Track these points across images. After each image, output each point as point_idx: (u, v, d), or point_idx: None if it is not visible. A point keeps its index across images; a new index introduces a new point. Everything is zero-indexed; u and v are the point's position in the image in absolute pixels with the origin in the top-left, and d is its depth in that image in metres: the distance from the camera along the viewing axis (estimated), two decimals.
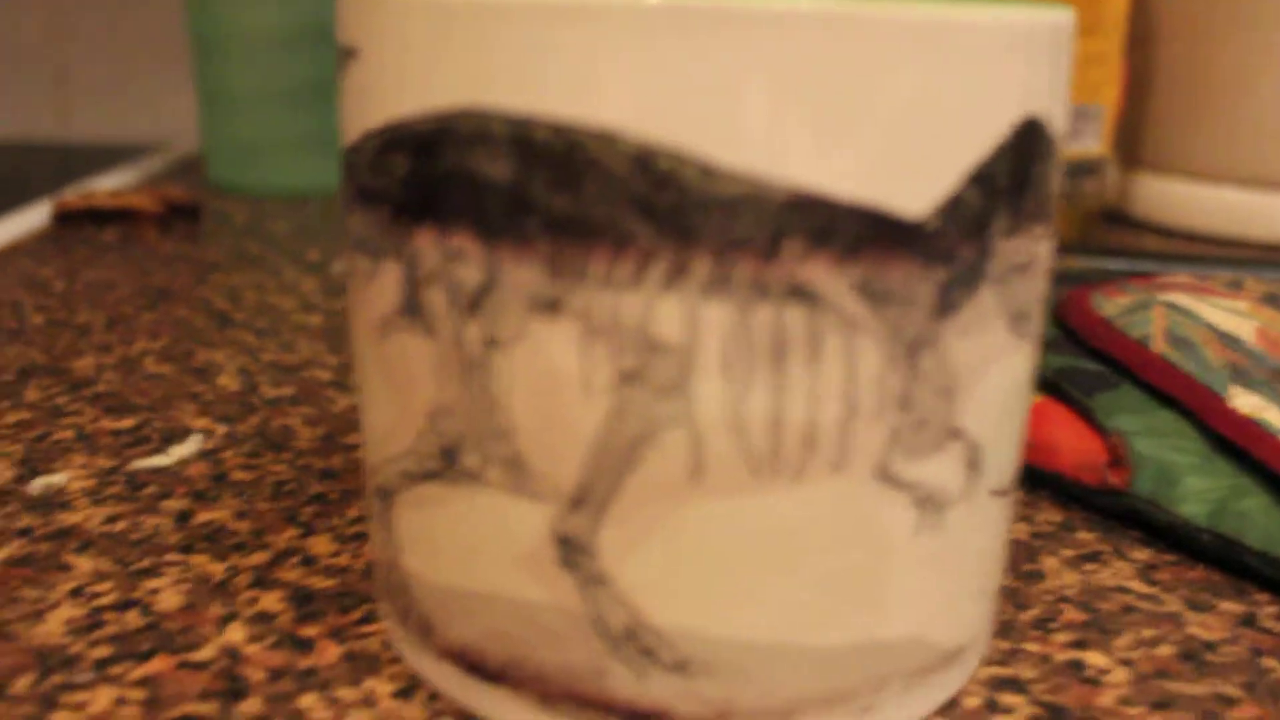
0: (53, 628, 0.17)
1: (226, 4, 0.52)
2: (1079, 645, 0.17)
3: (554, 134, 0.12)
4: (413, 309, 0.14)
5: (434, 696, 0.16)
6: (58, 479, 0.22)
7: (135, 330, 0.32)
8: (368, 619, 0.18)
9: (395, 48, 0.13)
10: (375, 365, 0.15)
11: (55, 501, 0.21)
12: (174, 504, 0.21)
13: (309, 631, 0.17)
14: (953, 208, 0.13)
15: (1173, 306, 0.26)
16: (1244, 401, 0.22)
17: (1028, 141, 0.13)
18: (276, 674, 0.16)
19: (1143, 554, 0.20)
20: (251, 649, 0.17)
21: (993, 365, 0.14)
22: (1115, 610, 0.18)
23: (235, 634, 0.17)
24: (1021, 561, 0.20)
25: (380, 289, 0.14)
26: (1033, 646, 0.17)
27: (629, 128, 0.12)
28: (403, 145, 0.13)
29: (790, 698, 0.14)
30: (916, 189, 0.12)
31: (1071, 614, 0.18)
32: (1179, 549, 0.21)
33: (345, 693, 0.16)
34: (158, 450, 0.24)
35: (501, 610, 0.14)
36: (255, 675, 0.16)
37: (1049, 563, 0.20)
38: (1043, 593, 0.19)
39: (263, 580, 0.19)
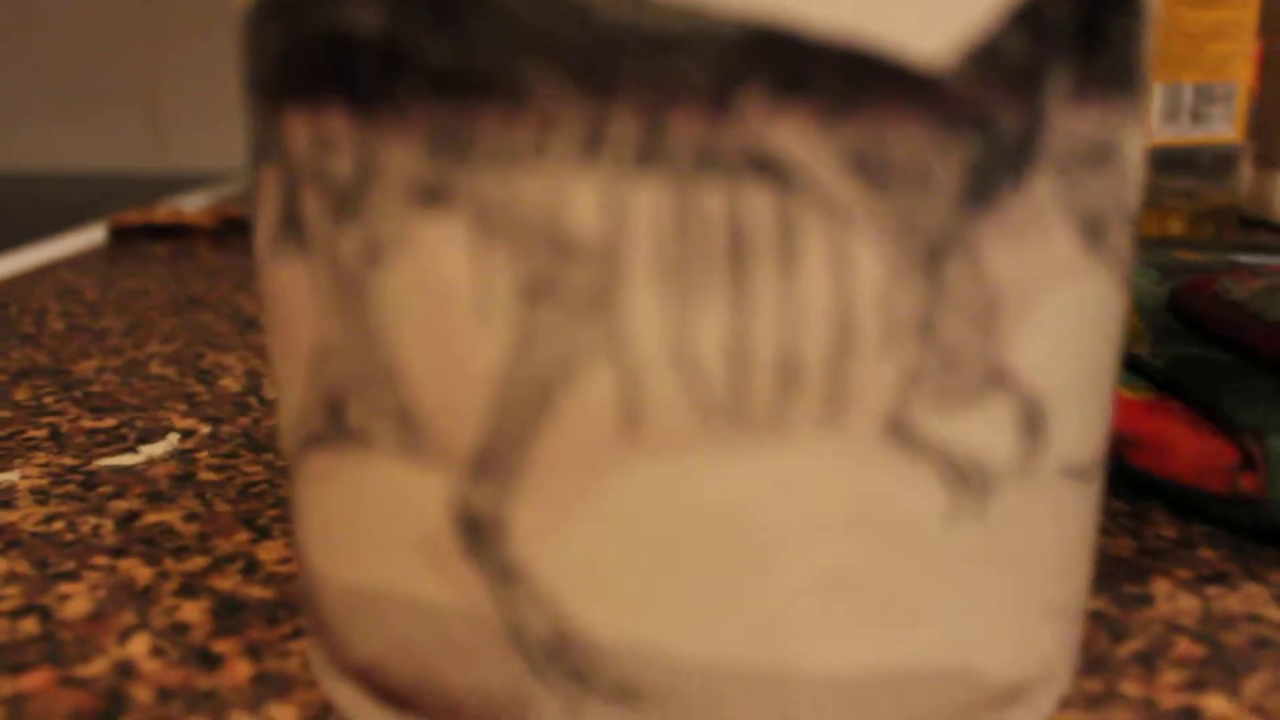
0: None
1: None
2: (1194, 687, 0.13)
3: None
4: (291, 221, 0.11)
5: None
6: (8, 477, 0.20)
7: (152, 335, 0.30)
8: (299, 634, 0.15)
9: None
10: (267, 304, 0.12)
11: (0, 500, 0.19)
12: (123, 504, 0.19)
13: (223, 647, 0.14)
14: (985, 51, 0.09)
15: None
16: None
17: None
18: (167, 695, 0.13)
19: None
20: (150, 665, 0.14)
21: (1057, 287, 0.10)
22: (1244, 644, 0.14)
23: (137, 647, 0.14)
24: (1124, 583, 0.16)
25: (264, 202, 0.11)
26: (1132, 688, 0.13)
27: None
28: (274, 9, 0.10)
29: None
30: (932, 22, 0.09)
31: (1187, 648, 0.14)
32: None
33: None
34: (128, 449, 0.21)
35: (401, 615, 0.11)
36: (142, 696, 0.13)
37: (1161, 585, 0.16)
38: (1150, 621, 0.15)
39: (191, 588, 0.16)
